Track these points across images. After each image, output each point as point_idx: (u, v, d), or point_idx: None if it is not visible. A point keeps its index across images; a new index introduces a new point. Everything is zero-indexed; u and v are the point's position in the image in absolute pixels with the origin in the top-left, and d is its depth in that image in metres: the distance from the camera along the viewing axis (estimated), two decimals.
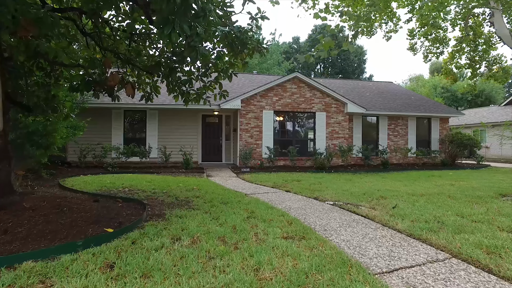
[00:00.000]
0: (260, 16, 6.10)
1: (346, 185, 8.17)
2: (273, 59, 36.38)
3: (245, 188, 7.86)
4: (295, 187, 7.84)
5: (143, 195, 6.58)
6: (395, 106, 16.76)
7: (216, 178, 10.09)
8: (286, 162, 13.94)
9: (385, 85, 22.03)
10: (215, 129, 15.71)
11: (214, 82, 7.15)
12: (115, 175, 10.08)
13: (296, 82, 14.44)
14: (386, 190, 7.26)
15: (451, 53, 19.19)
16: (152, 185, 7.93)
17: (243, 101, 13.76)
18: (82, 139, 12.85)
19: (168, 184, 8.07)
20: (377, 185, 8.32)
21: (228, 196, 6.32)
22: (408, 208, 5.26)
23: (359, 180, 9.46)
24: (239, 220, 4.39)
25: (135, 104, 13.19)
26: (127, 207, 5.32)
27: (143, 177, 9.59)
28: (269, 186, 8.27)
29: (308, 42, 52.89)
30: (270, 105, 14.09)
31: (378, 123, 16.30)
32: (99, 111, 13.41)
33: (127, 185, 7.93)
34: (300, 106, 14.41)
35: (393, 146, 16.13)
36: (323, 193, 6.95)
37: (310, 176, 10.55)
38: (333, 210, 5.32)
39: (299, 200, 6.25)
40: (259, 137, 13.89)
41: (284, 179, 9.56)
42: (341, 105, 14.92)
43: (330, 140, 14.72)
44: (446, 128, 17.17)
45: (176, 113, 14.04)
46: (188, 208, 5.32)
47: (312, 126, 14.81)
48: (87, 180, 8.82)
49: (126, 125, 14.01)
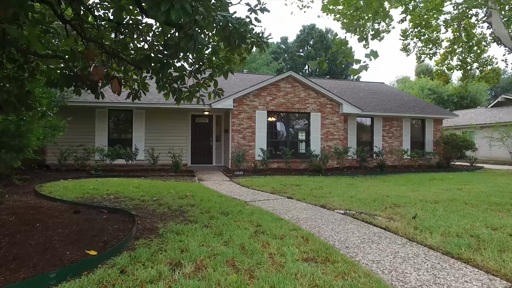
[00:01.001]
0: (260, 8, 5.51)
1: (350, 190, 7.65)
2: (262, 59, 35.88)
3: (242, 195, 7.23)
4: (296, 193, 7.27)
5: (131, 204, 5.87)
6: (389, 107, 16.46)
7: (209, 183, 9.42)
8: (280, 165, 13.38)
9: (377, 85, 21.80)
10: (205, 130, 15.01)
11: (209, 79, 6.52)
12: (99, 180, 9.28)
13: (290, 81, 13.91)
14: (396, 196, 6.77)
15: (443, 55, 19.10)
16: (141, 191, 7.21)
17: (236, 100, 13.13)
18: (62, 140, 11.93)
19: (158, 190, 7.37)
20: (382, 190, 7.84)
21: (227, 205, 5.68)
22: (430, 218, 4.75)
23: (360, 184, 8.98)
24: (246, 236, 3.77)
25: (121, 103, 12.37)
26: (113, 219, 4.62)
27: (130, 182, 8.83)
28: (268, 191, 7.67)
29: (296, 42, 52.70)
30: (263, 105, 13.50)
31: (372, 124, 15.95)
32: (82, 110, 12.51)
33: (112, 192, 7.18)
34: (295, 106, 13.88)
35: (388, 148, 15.80)
36: (329, 200, 6.40)
37: (308, 180, 10.01)
38: (347, 221, 4.76)
39: (305, 209, 5.67)
40: (252, 138, 13.28)
41: (282, 184, 8.99)
42: (336, 105, 14.48)
43: (325, 142, 14.25)
44: (440, 130, 16.99)
45: (164, 113, 13.28)
46: (184, 220, 4.66)
47: (306, 127, 14.30)
48: (67, 186, 8.01)
49: (111, 125, 13.15)
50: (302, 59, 51.30)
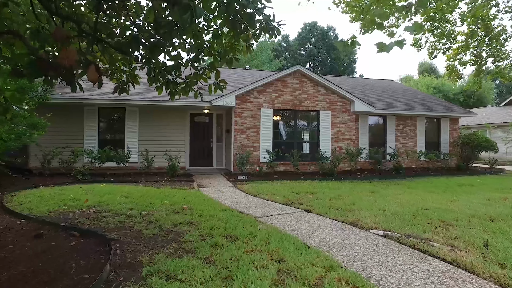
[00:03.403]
0: None
1: (376, 200, 6.48)
2: (263, 56, 34.71)
3: (250, 207, 6.06)
4: (314, 204, 6.10)
5: (114, 221, 4.69)
6: (403, 105, 15.29)
7: (210, 190, 8.25)
8: (288, 168, 12.21)
9: (387, 83, 20.64)
10: (205, 129, 13.83)
11: (209, 69, 5.35)
12: (84, 186, 8.10)
13: (298, 76, 12.74)
14: (437, 209, 5.60)
15: (456, 49, 17.94)
16: (129, 203, 6.03)
17: (238, 97, 11.95)
18: (47, 141, 10.75)
19: (150, 201, 6.19)
20: (414, 199, 6.68)
21: (234, 224, 4.51)
22: (510, 248, 3.58)
23: (384, 191, 7.81)
24: (266, 283, 2.60)
25: (112, 100, 11.18)
26: (84, 248, 3.46)
27: (119, 189, 7.65)
28: (280, 202, 6.50)
29: (297, 40, 51.50)
30: (268, 103, 12.33)
31: (385, 124, 14.78)
32: (69, 108, 11.32)
33: (95, 203, 6.01)
34: (303, 104, 12.71)
35: (402, 149, 14.64)
36: (357, 214, 5.23)
37: (321, 185, 8.84)
38: (394, 249, 3.60)
39: (332, 228, 4.50)
40: (256, 138, 12.11)
41: (293, 191, 7.82)
42: (348, 103, 13.31)
43: (336, 143, 13.08)
44: (457, 129, 15.84)
45: (160, 111, 12.09)
46: (179, 248, 3.49)
47: (315, 126, 13.13)
48: (44, 195, 6.82)
49: (101, 124, 11.95)
50: (303, 57, 50.18)
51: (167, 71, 5.27)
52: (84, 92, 11.41)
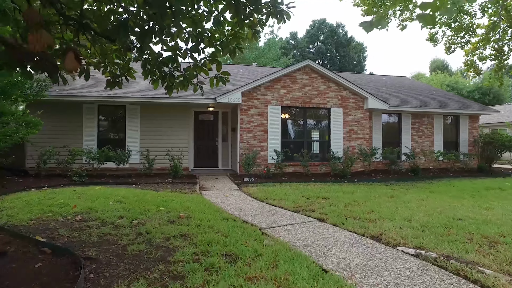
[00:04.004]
0: None
1: (398, 208, 5.74)
2: (271, 54, 33.93)
3: (256, 215, 5.38)
4: (328, 212, 5.40)
5: (98, 233, 4.07)
6: (419, 102, 14.43)
7: (213, 193, 7.60)
8: (297, 169, 11.50)
9: (400, 79, 19.74)
10: (209, 128, 13.21)
11: (209, 60, 4.69)
12: (78, 189, 7.53)
13: (307, 71, 12.01)
14: (472, 220, 4.82)
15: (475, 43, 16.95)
16: (121, 209, 5.42)
17: (245, 94, 11.28)
18: (43, 140, 10.27)
19: (145, 207, 5.57)
20: (441, 206, 5.91)
21: (235, 237, 3.84)
22: None
23: (404, 196, 7.05)
24: None
25: (111, 97, 10.62)
26: (50, 272, 2.83)
27: (114, 192, 7.06)
28: (289, 208, 5.80)
29: (306, 37, 50.56)
30: (277, 99, 11.63)
31: (400, 122, 13.95)
32: (67, 106, 10.80)
33: (83, 209, 5.41)
34: (313, 101, 11.98)
35: (417, 148, 13.79)
36: (379, 225, 4.51)
37: (334, 189, 8.12)
38: (433, 275, 2.88)
39: (352, 244, 3.79)
40: (263, 138, 11.42)
41: (304, 195, 7.12)
42: (360, 100, 12.53)
43: (348, 142, 12.32)
44: (477, 128, 14.91)
45: (162, 109, 11.48)
46: (166, 273, 2.84)
47: (326, 124, 12.39)
48: (32, 199, 6.25)
49: (101, 123, 11.40)
50: (312, 55, 49.23)
51: (164, 63, 4.65)
52: (82, 89, 10.91)
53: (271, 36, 36.13)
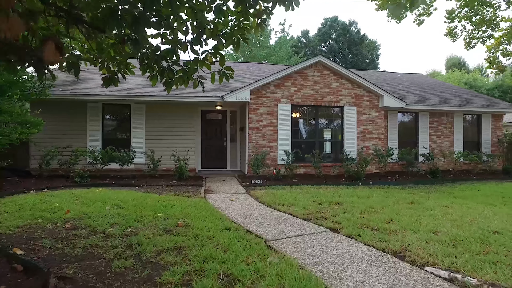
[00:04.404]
0: None
1: (421, 216, 5.16)
2: (282, 52, 33.34)
3: (262, 223, 4.88)
4: (342, 220, 4.86)
5: (84, 244, 3.65)
6: (437, 100, 13.66)
7: (218, 197, 7.15)
8: (308, 170, 10.95)
9: (416, 77, 18.92)
10: (217, 128, 12.78)
11: (212, 53, 4.21)
12: (78, 192, 7.18)
13: (319, 68, 11.44)
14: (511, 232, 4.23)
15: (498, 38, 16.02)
16: (116, 215, 5.01)
17: (253, 92, 10.79)
18: (46, 140, 10.02)
19: (142, 213, 5.15)
20: (469, 214, 5.30)
21: (236, 252, 3.36)
22: None
23: (425, 201, 6.44)
24: None
25: (115, 96, 10.29)
26: None
27: (114, 195, 6.68)
28: (299, 215, 5.29)
29: (317, 36, 49.72)
30: (287, 98, 11.11)
31: (417, 121, 13.22)
32: (71, 105, 10.52)
33: (76, 214, 5.03)
34: (325, 99, 11.41)
35: (436, 149, 13.05)
36: (402, 238, 3.95)
37: (348, 192, 7.56)
38: None
39: (370, 262, 3.26)
40: (273, 138, 10.92)
41: (315, 199, 6.60)
42: (375, 98, 11.90)
43: (362, 142, 11.70)
44: (500, 127, 14.04)
45: (168, 108, 11.08)
46: None
47: (339, 124, 11.80)
48: (27, 203, 5.91)
49: (105, 123, 11.08)
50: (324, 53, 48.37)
51: (162, 57, 4.20)
52: (86, 88, 10.61)
53: (282, 34, 35.56)
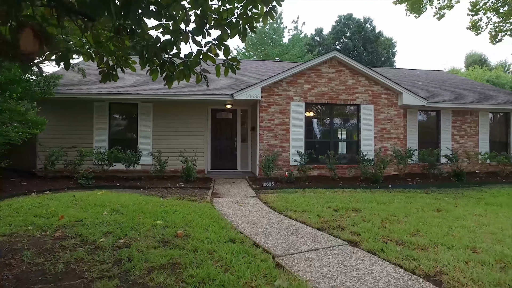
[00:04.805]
0: None
1: (452, 226, 4.55)
2: (295, 50, 32.68)
3: (271, 232, 4.38)
4: (361, 230, 4.31)
5: (68, 257, 3.23)
6: (461, 97, 12.83)
7: (225, 201, 6.68)
8: (322, 172, 10.37)
9: (436, 73, 18.01)
10: (228, 127, 12.33)
11: (216, 44, 3.73)
12: (79, 194, 6.84)
13: (334, 64, 10.84)
14: None
15: None
16: (113, 221, 4.60)
17: (265, 89, 10.29)
18: (52, 140, 9.81)
19: (140, 220, 4.72)
20: (510, 225, 4.65)
21: (238, 273, 2.87)
22: None
23: (454, 209, 5.80)
24: None
25: (122, 94, 9.97)
26: None
27: (115, 199, 6.30)
28: (312, 224, 4.75)
29: (331, 34, 48.76)
30: (300, 95, 10.55)
31: (439, 120, 12.44)
32: (76, 104, 10.26)
33: (70, 221, 4.64)
34: (340, 97, 10.80)
35: (459, 149, 12.24)
36: (433, 256, 3.38)
37: (365, 197, 6.96)
38: None
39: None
40: (286, 138, 10.38)
41: (330, 205, 6.04)
42: (394, 95, 11.20)
43: (380, 142, 11.03)
44: None
45: (176, 107, 10.68)
46: None
47: (355, 123, 11.16)
48: (23, 206, 5.59)
49: (112, 122, 10.76)
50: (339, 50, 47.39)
51: (162, 49, 3.76)
52: (92, 86, 10.32)
53: (295, 32, 34.86)
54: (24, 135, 7.23)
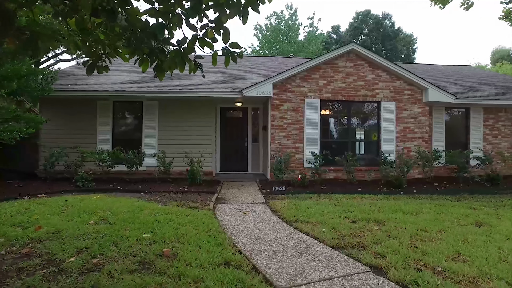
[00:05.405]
0: None
1: (504, 250, 3.67)
2: (311, 48, 31.71)
3: (276, 251, 3.64)
4: (386, 251, 3.52)
5: (18, 287, 2.62)
6: (493, 93, 11.68)
7: (229, 209, 5.99)
8: (339, 174, 9.54)
9: (463, 69, 16.75)
10: (238, 127, 11.65)
11: (212, 26, 3.00)
12: (72, 199, 6.32)
13: (352, 58, 9.98)
14: None
15: None
16: (95, 233, 3.99)
17: (277, 85, 9.56)
18: (54, 140, 9.42)
19: (126, 232, 4.08)
20: None
21: None
22: None
23: (498, 222, 4.88)
24: None
25: (125, 92, 9.46)
26: None
27: (108, 205, 5.72)
28: (326, 240, 3.98)
29: (349, 31, 47.37)
30: (315, 92, 9.75)
31: (468, 118, 11.35)
32: (79, 103, 9.81)
33: (47, 232, 4.08)
34: (359, 93, 9.93)
35: (491, 150, 11.10)
36: None
37: (389, 205, 6.11)
38: None
39: None
40: (299, 138, 9.61)
41: (348, 215, 5.25)
42: (418, 91, 10.24)
43: (402, 142, 10.09)
44: None
45: (183, 105, 10.06)
46: None
47: (375, 122, 10.26)
48: (5, 213, 5.11)
49: (116, 122, 10.25)
50: None
51: (151, 34, 3.12)
52: (95, 84, 9.84)
53: (311, 29, 33.85)
54: (17, 134, 6.76)
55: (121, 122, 10.45)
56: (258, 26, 31.95)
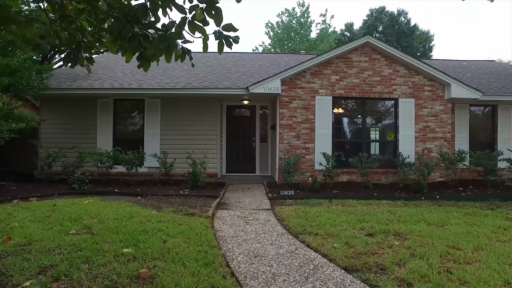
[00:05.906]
0: None
1: None
2: (324, 46, 30.84)
3: (277, 273, 3.02)
4: (412, 275, 2.86)
5: None
6: None
7: (230, 217, 5.39)
8: (352, 177, 8.83)
9: (487, 64, 15.69)
10: (245, 126, 11.06)
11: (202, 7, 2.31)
12: (62, 202, 5.85)
13: (367, 52, 9.25)
14: None
15: None
16: (70, 246, 3.47)
17: (285, 82, 8.92)
18: (53, 140, 9.05)
19: (105, 246, 3.54)
20: None
21: None
22: None
23: None
24: None
25: (126, 89, 8.99)
26: None
27: (98, 210, 5.22)
28: (338, 260, 3.33)
29: (362, 29, 46.17)
30: (326, 88, 9.07)
31: (495, 116, 10.45)
32: (78, 101, 9.41)
33: (18, 243, 3.58)
34: (374, 90, 9.19)
35: None
36: None
37: (410, 214, 5.40)
38: None
39: None
40: (309, 137, 8.95)
41: (363, 226, 4.58)
42: (439, 87, 9.42)
43: (422, 143, 9.29)
44: None
45: (186, 103, 9.53)
46: None
47: (392, 120, 9.50)
48: None
49: (117, 121, 9.79)
50: None
51: (134, 18, 2.54)
52: (95, 81, 9.38)
53: (324, 26, 32.96)
54: (6, 134, 6.34)
55: (122, 121, 9.98)
56: (270, 24, 31.29)
